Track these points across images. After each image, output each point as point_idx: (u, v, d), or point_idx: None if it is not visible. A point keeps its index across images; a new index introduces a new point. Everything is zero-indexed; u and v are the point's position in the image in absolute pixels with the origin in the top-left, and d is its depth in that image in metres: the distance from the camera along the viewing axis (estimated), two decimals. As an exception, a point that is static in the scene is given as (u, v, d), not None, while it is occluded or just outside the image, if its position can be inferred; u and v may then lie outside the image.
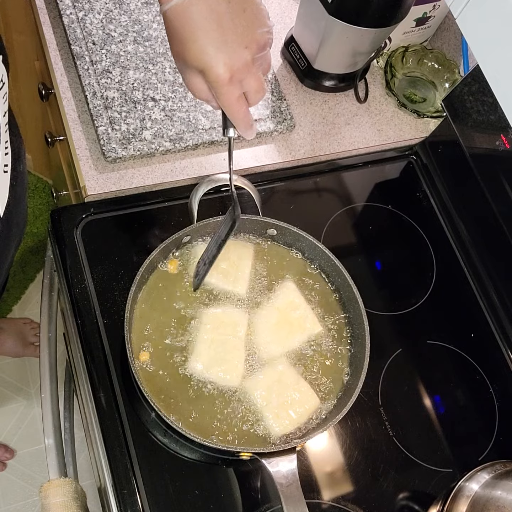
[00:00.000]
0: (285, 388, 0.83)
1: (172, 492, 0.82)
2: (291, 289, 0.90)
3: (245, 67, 0.63)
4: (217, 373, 0.83)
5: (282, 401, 0.82)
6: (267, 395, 0.82)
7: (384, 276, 1.04)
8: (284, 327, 0.88)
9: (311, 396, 0.84)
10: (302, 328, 0.88)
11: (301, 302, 0.90)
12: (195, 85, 0.66)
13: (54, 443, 0.92)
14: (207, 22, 0.60)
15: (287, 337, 0.87)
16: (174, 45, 0.64)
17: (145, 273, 0.85)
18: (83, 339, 0.87)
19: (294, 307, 0.89)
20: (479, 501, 0.80)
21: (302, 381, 0.85)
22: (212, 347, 0.84)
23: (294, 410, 0.82)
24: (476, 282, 1.06)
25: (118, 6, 1.08)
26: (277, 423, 0.81)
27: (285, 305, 0.89)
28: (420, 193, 1.13)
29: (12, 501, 1.62)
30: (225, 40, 0.61)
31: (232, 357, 0.84)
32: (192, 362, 0.83)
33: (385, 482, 0.88)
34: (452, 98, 1.02)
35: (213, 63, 0.62)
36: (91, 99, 0.99)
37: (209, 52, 0.61)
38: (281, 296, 0.89)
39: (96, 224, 0.96)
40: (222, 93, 0.65)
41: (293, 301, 0.89)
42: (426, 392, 0.96)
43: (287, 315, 0.88)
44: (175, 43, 0.64)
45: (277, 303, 0.89)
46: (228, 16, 0.61)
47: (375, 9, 0.94)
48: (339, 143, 1.10)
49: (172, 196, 0.99)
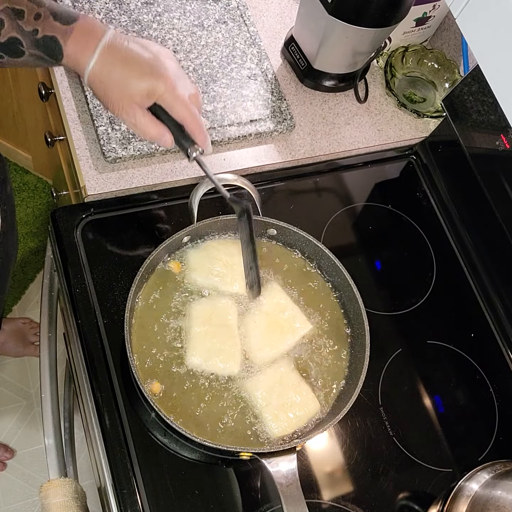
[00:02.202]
0: (286, 390, 0.83)
1: (172, 492, 0.82)
2: (277, 290, 0.90)
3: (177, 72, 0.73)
4: (216, 364, 0.83)
5: (282, 402, 0.82)
6: (267, 396, 0.82)
7: (384, 276, 1.04)
8: (275, 331, 0.87)
9: (312, 400, 0.84)
10: (292, 328, 0.88)
11: (287, 302, 0.89)
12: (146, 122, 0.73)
13: (54, 443, 0.92)
14: (126, 61, 0.71)
15: (279, 340, 0.87)
16: (112, 95, 0.72)
17: (145, 273, 0.85)
18: (83, 339, 0.87)
19: (281, 309, 0.88)
20: (479, 501, 0.80)
21: (303, 384, 0.84)
22: (207, 339, 0.84)
23: (293, 413, 0.82)
24: (476, 282, 1.06)
25: (118, 6, 1.08)
26: (276, 424, 0.81)
27: (273, 308, 0.88)
28: (420, 193, 1.13)
29: (12, 501, 1.61)
30: (149, 64, 0.71)
31: (228, 345, 0.84)
32: (189, 357, 0.83)
33: (385, 482, 0.88)
34: (452, 98, 1.02)
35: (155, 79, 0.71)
36: (91, 99, 0.99)
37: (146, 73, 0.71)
38: (268, 299, 0.89)
39: (96, 224, 0.96)
40: (174, 99, 0.72)
41: (279, 303, 0.89)
42: (426, 392, 0.96)
43: (276, 318, 0.88)
44: (112, 91, 0.71)
45: (265, 307, 0.89)
46: (133, 52, 0.72)
47: (375, 9, 0.94)
48: (339, 143, 1.10)
49: (172, 196, 0.99)
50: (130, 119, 0.73)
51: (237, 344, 0.85)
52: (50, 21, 0.69)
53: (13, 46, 0.68)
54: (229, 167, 1.03)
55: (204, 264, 0.90)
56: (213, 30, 1.11)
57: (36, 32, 0.68)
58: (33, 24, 0.68)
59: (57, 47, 0.70)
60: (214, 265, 0.89)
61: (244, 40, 1.11)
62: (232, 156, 1.04)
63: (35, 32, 0.68)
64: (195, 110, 0.75)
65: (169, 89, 0.71)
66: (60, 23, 0.69)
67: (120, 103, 0.72)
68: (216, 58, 1.09)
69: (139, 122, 0.73)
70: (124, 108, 0.72)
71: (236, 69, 1.09)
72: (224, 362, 0.83)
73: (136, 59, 0.71)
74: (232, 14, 1.13)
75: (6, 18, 0.66)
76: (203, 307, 0.87)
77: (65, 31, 0.69)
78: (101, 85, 0.71)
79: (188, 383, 0.83)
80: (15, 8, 0.66)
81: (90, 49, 0.70)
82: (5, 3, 0.66)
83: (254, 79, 1.08)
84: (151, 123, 0.74)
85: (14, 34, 0.68)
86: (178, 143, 0.76)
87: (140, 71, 0.71)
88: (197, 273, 0.89)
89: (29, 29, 0.68)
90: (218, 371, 0.83)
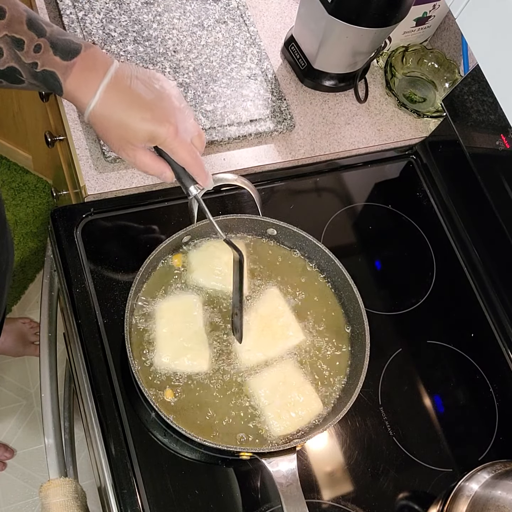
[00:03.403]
0: (290, 389, 0.83)
1: (172, 492, 0.82)
2: (275, 295, 0.90)
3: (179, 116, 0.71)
4: (183, 362, 0.82)
5: (285, 402, 0.82)
6: (271, 394, 0.82)
7: (384, 276, 1.04)
8: (266, 335, 0.87)
9: (315, 400, 0.83)
10: (284, 336, 0.87)
11: (284, 309, 0.89)
12: (146, 161, 0.73)
13: (54, 442, 0.92)
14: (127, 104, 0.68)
15: (269, 345, 0.86)
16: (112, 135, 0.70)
17: (145, 273, 0.85)
18: (83, 338, 0.87)
19: (277, 315, 0.88)
20: (479, 501, 0.80)
21: (307, 384, 0.84)
22: (174, 339, 0.83)
23: (296, 412, 0.82)
24: (476, 282, 1.06)
25: (118, 6, 1.08)
26: (278, 423, 0.81)
27: (269, 312, 0.88)
28: (420, 193, 1.13)
29: (12, 500, 1.62)
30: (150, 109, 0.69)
31: (195, 343, 0.84)
32: (156, 358, 0.82)
33: (385, 482, 0.88)
34: (452, 98, 1.02)
35: (156, 125, 0.69)
36: (91, 99, 0.99)
37: (148, 119, 0.69)
38: (265, 303, 0.89)
39: (96, 224, 0.96)
40: (176, 145, 0.71)
41: (277, 309, 0.88)
42: (426, 392, 0.96)
43: (270, 322, 0.87)
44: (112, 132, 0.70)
45: (261, 309, 0.88)
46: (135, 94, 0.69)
47: (375, 8, 0.94)
48: (339, 143, 1.10)
49: (172, 196, 0.99)
50: (130, 159, 0.72)
51: (204, 340, 0.85)
52: (50, 55, 0.66)
53: (12, 75, 0.66)
54: (229, 167, 1.03)
55: (206, 264, 0.89)
56: (213, 30, 1.11)
57: (36, 66, 0.66)
58: (32, 57, 0.65)
59: (56, 83, 0.67)
60: (216, 265, 0.89)
61: (244, 40, 1.11)
62: (232, 156, 1.04)
63: (35, 65, 0.66)
64: (197, 154, 0.74)
65: (171, 135, 0.70)
66: (60, 58, 0.66)
67: (120, 144, 0.71)
68: (216, 58, 1.09)
69: (139, 161, 0.72)
70: (124, 150, 0.71)
71: (236, 69, 1.09)
72: (192, 360, 0.83)
73: (138, 102, 0.69)
74: (232, 14, 1.13)
75: (6, 47, 0.64)
76: (166, 306, 0.86)
77: (65, 67, 0.67)
78: (101, 126, 0.70)
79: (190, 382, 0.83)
80: (14, 37, 0.64)
81: (91, 89, 0.67)
82: (4, 30, 0.63)
83: (254, 79, 1.08)
84: (151, 162, 0.73)
85: (13, 64, 0.65)
86: (179, 181, 0.76)
87: (142, 116, 0.69)
88: (198, 274, 0.89)
89: (29, 61, 0.65)
90: (187, 369, 0.83)
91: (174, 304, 0.86)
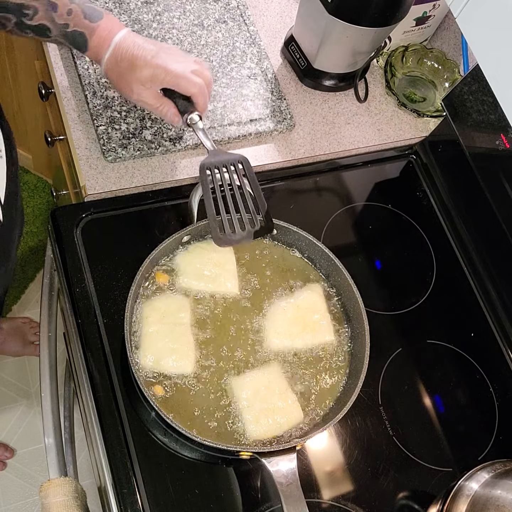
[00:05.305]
0: (271, 395, 0.82)
1: (172, 492, 0.82)
2: (317, 293, 0.91)
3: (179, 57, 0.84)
4: (168, 364, 0.82)
5: (265, 407, 0.82)
6: (251, 398, 0.82)
7: (384, 275, 1.04)
8: (298, 324, 0.87)
9: (296, 409, 0.83)
10: (315, 331, 0.88)
11: (322, 308, 0.90)
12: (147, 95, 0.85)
13: (54, 442, 0.92)
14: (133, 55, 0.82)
15: (298, 335, 0.87)
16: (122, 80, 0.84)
17: (145, 273, 0.85)
18: (83, 338, 0.87)
19: (314, 310, 0.89)
20: (479, 501, 0.80)
21: (290, 392, 0.84)
22: (159, 339, 0.83)
23: (274, 419, 0.81)
24: (476, 282, 1.06)
25: (117, 5, 1.08)
26: (255, 427, 0.80)
27: (306, 305, 0.89)
28: (420, 192, 1.13)
29: (12, 500, 1.62)
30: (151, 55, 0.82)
31: (181, 344, 0.83)
32: (141, 358, 0.82)
33: (385, 482, 0.89)
34: (452, 98, 1.02)
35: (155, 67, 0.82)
36: (91, 98, 0.99)
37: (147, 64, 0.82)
38: (305, 296, 0.89)
39: (96, 223, 0.96)
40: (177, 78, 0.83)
41: (316, 304, 0.89)
42: (426, 391, 0.96)
43: (305, 315, 0.88)
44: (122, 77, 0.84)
45: (299, 300, 0.89)
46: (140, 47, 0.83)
47: (375, 8, 0.94)
48: (339, 142, 1.10)
49: (172, 196, 0.99)
50: (138, 97, 0.85)
51: (191, 342, 0.84)
52: (81, 18, 0.80)
53: (41, 31, 0.79)
54: (229, 166, 1.03)
55: (193, 266, 0.89)
56: (213, 29, 1.11)
57: (67, 26, 0.80)
58: (65, 18, 0.79)
59: (84, 41, 0.82)
60: (204, 266, 0.89)
61: (244, 39, 1.11)
62: (232, 156, 1.04)
63: (66, 26, 0.79)
64: (199, 80, 0.84)
65: (169, 72, 0.82)
66: (89, 21, 0.80)
67: (130, 87, 0.84)
68: (216, 58, 1.09)
69: (144, 97, 0.85)
70: (133, 90, 0.84)
71: (236, 68, 1.09)
72: (177, 361, 0.82)
73: (141, 53, 0.82)
74: (232, 13, 1.13)
75: (42, 8, 0.77)
76: (153, 306, 0.86)
77: (92, 28, 0.81)
78: (113, 73, 0.84)
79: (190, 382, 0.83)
80: (50, 1, 0.77)
81: (107, 45, 0.82)
82: None
83: (254, 79, 1.08)
84: (158, 99, 0.85)
85: (46, 22, 0.78)
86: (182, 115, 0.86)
87: (143, 62, 0.82)
88: (186, 275, 0.88)
89: (61, 22, 0.79)
90: (171, 370, 0.82)
91: (161, 305, 0.86)
